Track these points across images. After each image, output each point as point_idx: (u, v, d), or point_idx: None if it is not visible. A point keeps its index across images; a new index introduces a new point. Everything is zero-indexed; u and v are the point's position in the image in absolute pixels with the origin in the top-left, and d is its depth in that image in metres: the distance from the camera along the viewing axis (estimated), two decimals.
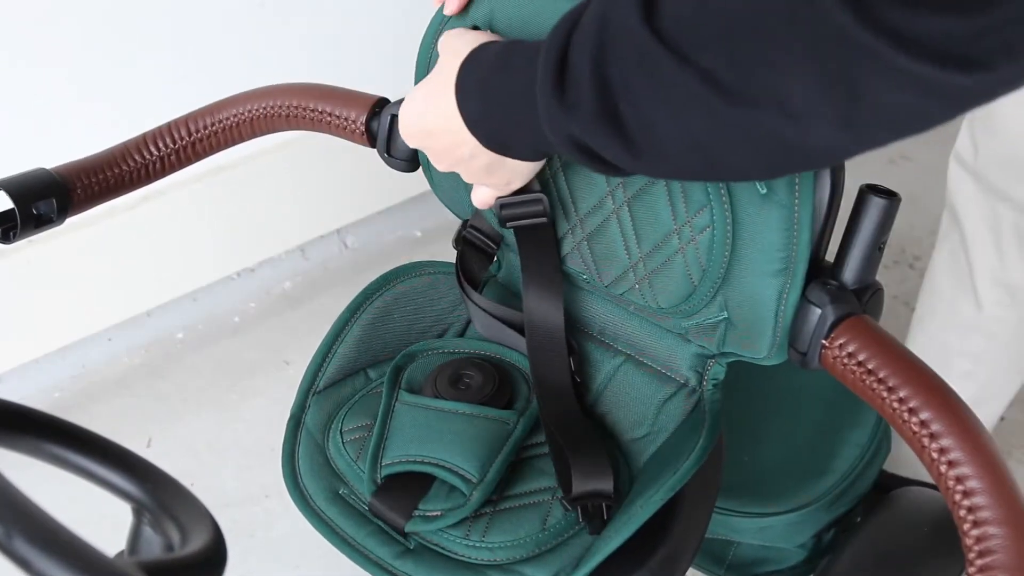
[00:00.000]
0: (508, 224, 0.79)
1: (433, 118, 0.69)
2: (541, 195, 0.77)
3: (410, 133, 0.73)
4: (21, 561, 0.39)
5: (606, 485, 0.74)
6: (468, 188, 0.86)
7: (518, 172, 0.72)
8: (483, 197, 0.76)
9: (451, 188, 0.87)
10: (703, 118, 0.50)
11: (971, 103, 0.46)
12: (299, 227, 1.85)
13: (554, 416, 0.79)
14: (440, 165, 0.73)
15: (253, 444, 1.59)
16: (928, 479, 1.08)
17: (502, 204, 0.77)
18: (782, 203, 0.67)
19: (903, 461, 1.30)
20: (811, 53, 0.45)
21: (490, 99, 0.64)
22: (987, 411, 1.32)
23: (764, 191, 0.67)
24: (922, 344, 1.33)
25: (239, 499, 1.51)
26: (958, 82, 0.44)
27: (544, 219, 0.78)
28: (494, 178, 0.72)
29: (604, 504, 0.74)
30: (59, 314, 1.63)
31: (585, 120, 0.55)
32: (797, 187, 0.66)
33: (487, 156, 0.68)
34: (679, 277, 0.75)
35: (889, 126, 0.48)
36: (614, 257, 0.78)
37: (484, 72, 0.65)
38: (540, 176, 0.80)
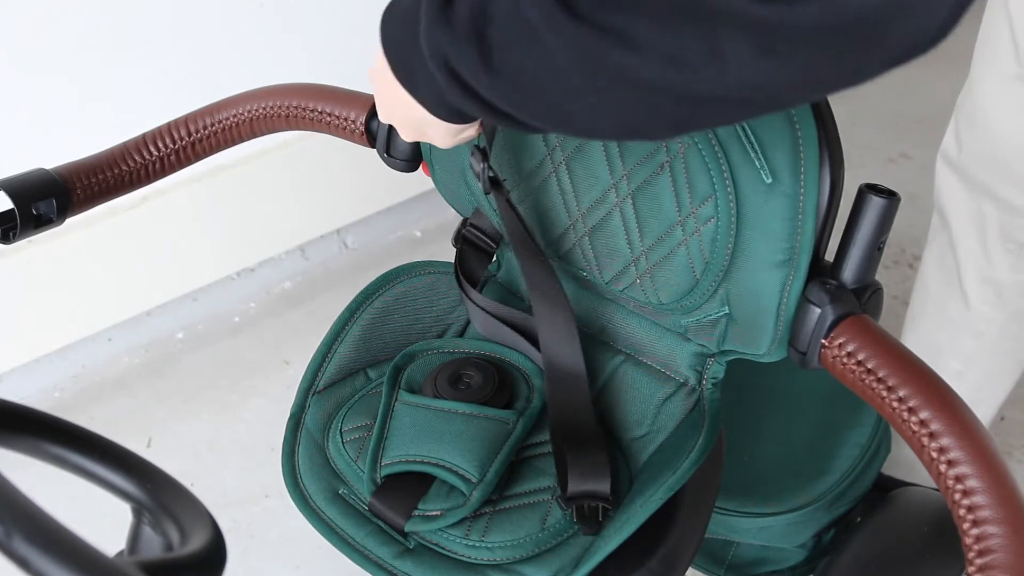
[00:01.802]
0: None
1: (376, 57, 0.68)
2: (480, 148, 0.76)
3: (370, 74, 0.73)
4: (21, 561, 0.39)
5: (602, 486, 0.74)
6: (469, 185, 0.86)
7: (420, 122, 0.70)
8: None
9: (453, 184, 0.87)
10: (559, 47, 0.50)
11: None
12: (299, 227, 1.85)
13: (561, 414, 0.79)
14: (383, 111, 0.73)
15: (253, 444, 1.59)
16: (928, 481, 1.08)
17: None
18: (787, 192, 0.66)
19: (903, 462, 1.30)
20: None
21: (404, 23, 0.62)
22: (981, 412, 1.32)
23: (769, 180, 0.67)
24: (915, 344, 1.33)
25: (239, 499, 1.51)
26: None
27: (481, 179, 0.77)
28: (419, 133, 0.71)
29: (600, 505, 0.74)
30: (59, 314, 1.63)
31: (456, 37, 0.54)
32: (802, 176, 0.66)
33: (406, 106, 0.66)
34: (681, 270, 0.74)
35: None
36: (616, 252, 0.78)
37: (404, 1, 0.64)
38: (542, 170, 0.79)
